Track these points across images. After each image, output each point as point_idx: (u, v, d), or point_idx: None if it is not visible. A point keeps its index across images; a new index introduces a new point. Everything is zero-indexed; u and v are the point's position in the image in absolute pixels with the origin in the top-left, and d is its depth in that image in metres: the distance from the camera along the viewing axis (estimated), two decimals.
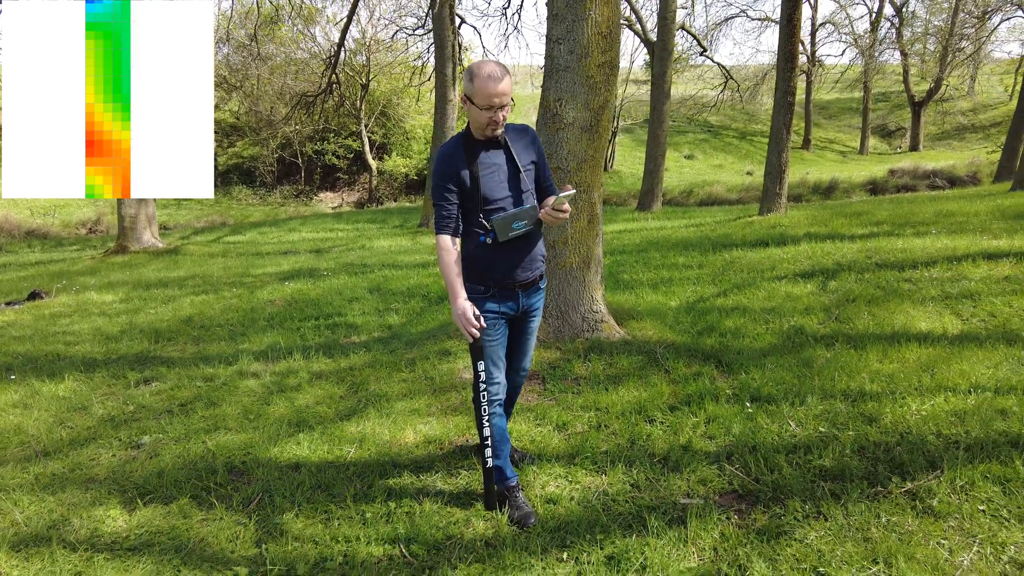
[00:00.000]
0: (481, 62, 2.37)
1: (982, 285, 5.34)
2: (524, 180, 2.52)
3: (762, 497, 2.65)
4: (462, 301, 2.41)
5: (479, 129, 2.43)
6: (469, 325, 2.39)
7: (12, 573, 2.48)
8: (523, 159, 2.53)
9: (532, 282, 2.61)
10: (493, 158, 2.48)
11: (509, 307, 2.59)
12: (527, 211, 2.43)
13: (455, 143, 2.48)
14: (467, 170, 2.43)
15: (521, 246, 2.51)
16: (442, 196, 2.45)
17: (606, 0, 3.93)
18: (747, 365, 3.94)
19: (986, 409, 3.22)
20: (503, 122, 2.41)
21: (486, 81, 2.30)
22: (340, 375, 4.35)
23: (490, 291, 2.54)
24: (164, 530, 2.72)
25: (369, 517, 2.68)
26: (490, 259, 2.50)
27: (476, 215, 2.46)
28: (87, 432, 3.74)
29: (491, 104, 2.33)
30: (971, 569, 2.17)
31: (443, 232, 2.46)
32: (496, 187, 2.47)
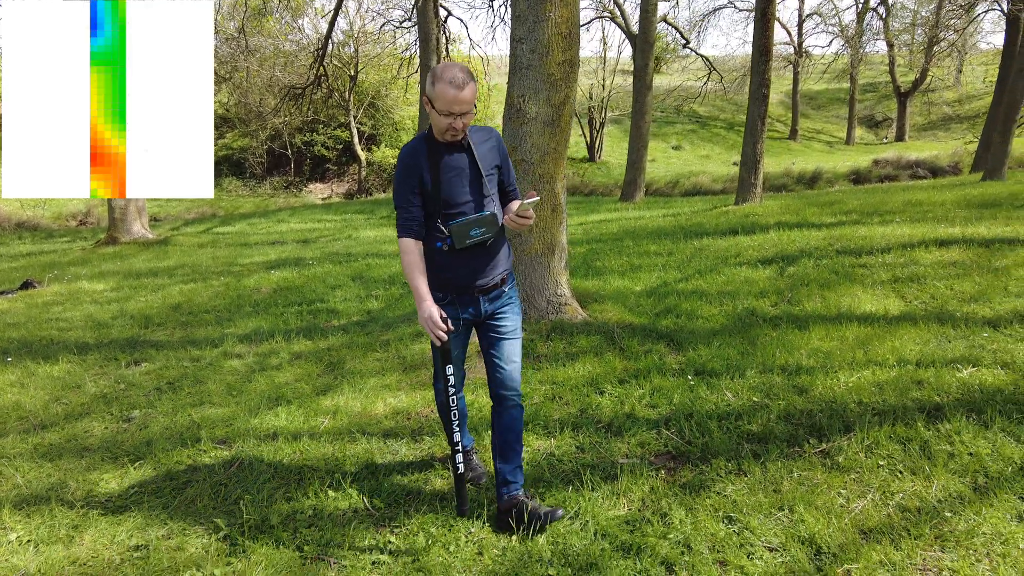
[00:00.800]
0: (445, 65, 2.29)
1: (930, 270, 5.66)
2: (486, 185, 2.46)
3: (691, 457, 2.96)
4: (428, 304, 2.34)
5: (438, 134, 2.37)
6: (436, 328, 2.31)
7: (16, 527, 2.75)
8: (486, 163, 2.46)
9: (493, 287, 2.52)
10: (456, 161, 2.41)
11: (469, 312, 2.53)
12: (486, 218, 2.37)
13: (416, 144, 2.42)
14: (428, 173, 2.37)
15: (480, 253, 2.45)
16: (404, 199, 2.40)
17: (565, 2, 4.20)
18: (696, 343, 4.25)
19: (905, 380, 3.54)
20: (462, 130, 2.34)
21: (446, 87, 2.22)
22: (319, 355, 4.63)
23: (447, 297, 2.49)
24: (152, 491, 3.01)
25: (338, 477, 2.97)
26: (448, 265, 2.44)
27: (435, 219, 2.41)
28: (81, 408, 4.02)
29: (450, 111, 2.25)
30: (861, 513, 2.49)
31: (405, 235, 2.41)
32: (458, 191, 2.41)
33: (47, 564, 2.51)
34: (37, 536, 2.69)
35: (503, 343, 2.56)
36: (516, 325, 2.60)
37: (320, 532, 2.60)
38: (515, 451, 2.59)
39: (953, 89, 36.48)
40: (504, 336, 2.56)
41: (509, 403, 2.57)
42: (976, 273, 5.50)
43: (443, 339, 2.34)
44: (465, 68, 2.28)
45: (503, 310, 2.57)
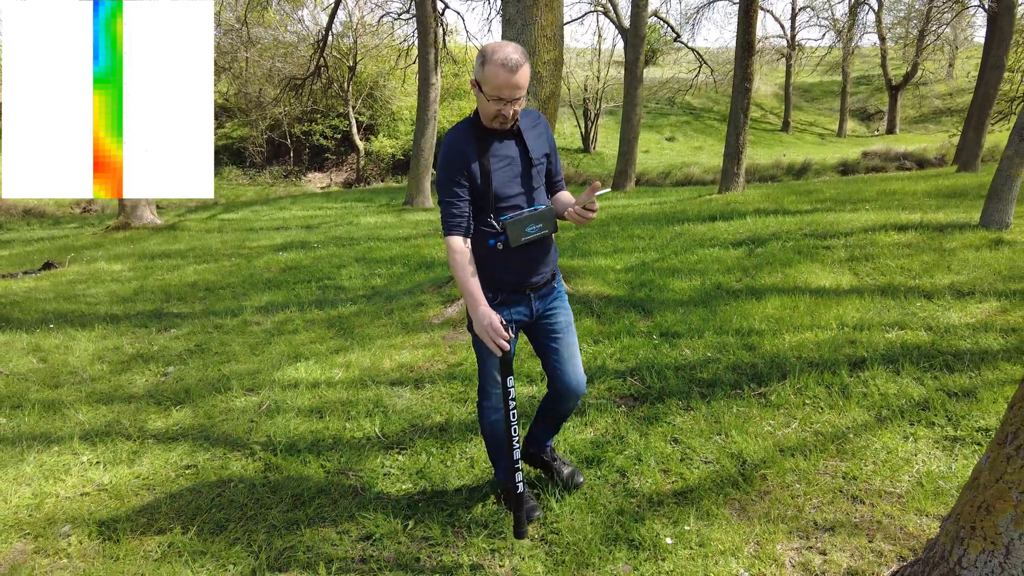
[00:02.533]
0: (497, 45, 2.04)
1: (885, 250, 6.22)
2: (536, 175, 2.26)
3: (649, 397, 3.53)
4: (485, 309, 2.08)
5: (485, 120, 2.15)
6: (497, 336, 2.05)
7: (85, 452, 3.31)
8: (536, 151, 2.25)
9: (545, 284, 2.36)
10: (506, 150, 2.20)
11: (521, 313, 2.35)
12: (543, 213, 2.18)
13: (464, 131, 2.19)
14: (477, 163, 2.15)
15: (533, 249, 2.25)
16: (451, 192, 2.16)
17: (550, 8, 4.73)
18: (664, 311, 4.81)
19: (840, 340, 4.11)
20: (513, 118, 2.11)
21: (497, 69, 1.98)
22: (330, 322, 5.18)
23: (498, 298, 2.29)
24: (195, 427, 3.56)
25: (353, 414, 3.53)
26: (500, 264, 2.23)
27: (486, 214, 2.19)
28: (122, 365, 4.56)
29: (500, 96, 2.03)
30: (783, 436, 3.05)
31: (453, 233, 2.17)
32: (509, 183, 2.20)
33: (115, 479, 3.06)
34: (104, 459, 3.25)
35: (560, 341, 2.43)
36: (569, 319, 2.47)
37: (340, 455, 3.15)
38: (557, 428, 2.68)
39: (944, 82, 36.97)
40: (560, 334, 2.43)
41: (571, 401, 2.49)
42: (925, 253, 6.06)
43: (506, 348, 2.07)
44: (520, 48, 2.04)
45: (554, 306, 2.43)
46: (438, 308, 5.24)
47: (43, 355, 4.79)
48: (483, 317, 2.07)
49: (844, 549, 2.22)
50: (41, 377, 4.38)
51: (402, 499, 2.76)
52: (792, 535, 2.34)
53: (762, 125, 35.18)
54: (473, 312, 2.11)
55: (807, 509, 2.49)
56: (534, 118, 2.32)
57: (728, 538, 2.33)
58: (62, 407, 3.84)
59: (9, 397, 4.04)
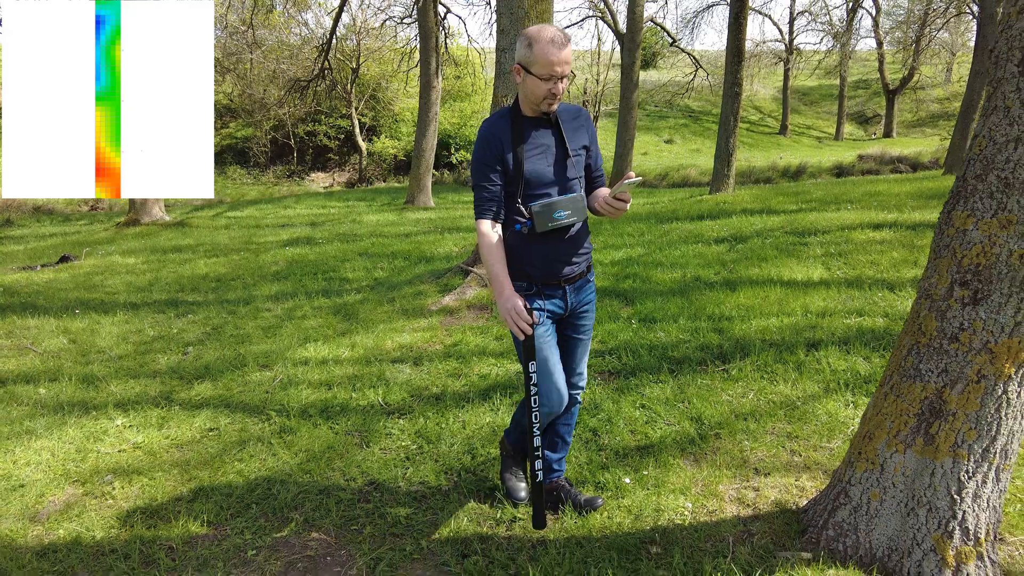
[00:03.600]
0: (541, 27, 2.10)
1: (858, 247, 6.61)
2: (572, 166, 2.27)
3: (624, 372, 3.93)
4: (510, 293, 2.11)
5: (534, 103, 2.16)
6: (520, 320, 2.08)
7: (119, 417, 3.71)
8: (574, 142, 2.27)
9: (578, 276, 2.36)
10: (542, 138, 2.23)
11: (556, 305, 2.33)
12: (571, 200, 2.18)
13: (500, 119, 2.24)
14: (511, 149, 2.19)
15: (564, 238, 2.26)
16: (484, 176, 2.20)
17: (541, 20, 5.12)
18: (645, 300, 5.21)
19: (803, 325, 4.50)
20: (560, 95, 2.15)
21: (547, 47, 2.03)
22: (336, 309, 5.59)
23: (533, 288, 2.28)
24: (215, 397, 3.96)
25: (359, 386, 3.93)
26: (528, 250, 2.25)
27: (515, 200, 2.22)
28: (145, 345, 4.97)
29: (552, 73, 2.06)
30: (739, 404, 3.45)
31: (484, 216, 2.21)
32: (543, 171, 2.21)
33: (148, 439, 3.46)
34: (136, 423, 3.65)
35: (580, 343, 2.49)
36: (592, 321, 2.52)
37: (347, 419, 3.55)
38: (566, 443, 2.62)
39: (941, 87, 37.34)
40: (583, 336, 2.49)
41: (571, 400, 2.54)
42: (896, 250, 6.45)
43: (527, 332, 2.10)
44: (560, 28, 2.12)
45: (586, 306, 2.45)
46: (436, 296, 5.64)
47: (72, 337, 5.20)
48: (507, 300, 2.10)
49: (774, 487, 2.62)
50: (72, 355, 4.78)
51: (402, 454, 3.16)
52: (734, 478, 2.74)
53: (760, 128, 35.60)
54: (498, 296, 2.14)
55: (751, 460, 2.88)
56: (575, 111, 2.33)
57: (680, 480, 2.72)
58: (95, 380, 4.25)
59: (46, 372, 4.44)
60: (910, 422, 1.93)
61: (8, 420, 3.68)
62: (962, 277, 1.83)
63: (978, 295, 1.80)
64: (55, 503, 2.89)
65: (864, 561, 2.00)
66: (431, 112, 14.20)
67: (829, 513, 2.13)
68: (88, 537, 2.60)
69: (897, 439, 1.96)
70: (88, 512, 2.79)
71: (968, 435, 1.84)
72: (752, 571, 2.08)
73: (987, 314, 1.79)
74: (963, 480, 1.86)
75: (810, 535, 2.17)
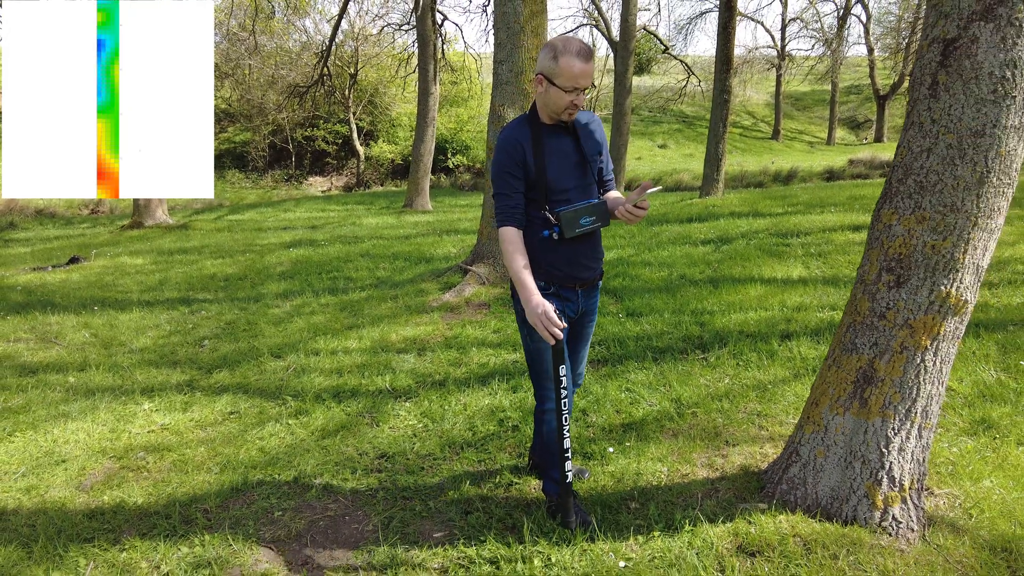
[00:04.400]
0: (566, 38, 2.17)
1: (837, 247, 6.96)
2: (589, 171, 2.35)
3: (610, 359, 4.27)
4: (538, 298, 2.14)
5: (554, 112, 2.23)
6: (551, 325, 2.10)
7: (145, 402, 4.02)
8: (590, 148, 2.35)
9: (593, 280, 2.44)
10: (561, 144, 2.30)
11: (570, 308, 2.41)
12: (596, 207, 2.26)
13: (519, 126, 2.29)
14: (533, 156, 2.24)
15: (585, 243, 2.34)
16: (506, 183, 2.25)
17: (536, 34, 5.49)
18: (633, 296, 5.55)
19: (779, 319, 4.85)
20: (581, 106, 2.23)
21: (573, 59, 2.10)
22: (342, 305, 5.91)
23: (551, 288, 2.34)
24: (233, 384, 4.28)
25: (367, 373, 4.26)
26: (552, 255, 2.31)
27: (539, 206, 2.27)
28: (163, 339, 5.28)
29: (576, 85, 2.13)
30: (715, 387, 3.79)
31: (507, 224, 2.25)
32: (563, 176, 2.28)
33: (174, 421, 3.78)
34: (162, 407, 3.97)
35: (582, 344, 2.59)
36: (594, 326, 2.63)
37: (358, 402, 3.88)
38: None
39: None
40: (585, 337, 2.59)
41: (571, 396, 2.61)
42: None
43: (559, 336, 2.13)
44: (583, 41, 2.18)
45: (592, 309, 2.54)
46: (437, 294, 5.97)
47: (93, 331, 5.51)
48: (537, 306, 2.12)
49: (741, 455, 2.96)
50: (96, 348, 5.10)
51: (409, 431, 3.48)
52: (706, 448, 3.07)
53: (753, 133, 36.09)
54: (526, 302, 2.15)
55: (723, 434, 3.22)
56: (588, 116, 2.39)
57: (658, 451, 3.06)
58: (120, 369, 4.56)
59: (72, 363, 4.76)
60: (848, 388, 2.27)
61: (44, 404, 4.00)
62: (888, 264, 2.17)
63: (900, 279, 2.14)
64: (96, 475, 3.21)
65: (811, 509, 2.34)
66: (429, 117, 14.55)
67: (783, 470, 2.47)
68: (131, 502, 2.92)
69: (838, 404, 2.30)
70: (128, 482, 3.11)
71: (894, 398, 2.18)
72: (716, 519, 2.42)
73: (907, 295, 2.13)
74: (890, 436, 2.19)
75: (767, 490, 2.51)
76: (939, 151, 2.04)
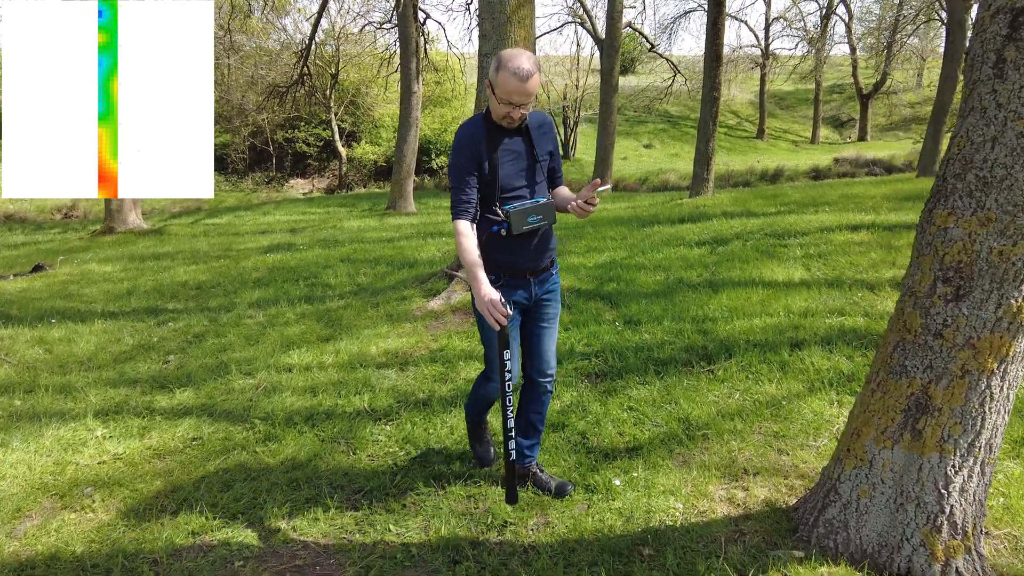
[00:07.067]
0: (514, 53, 2.24)
1: (837, 248, 6.70)
2: (540, 170, 2.48)
3: (610, 374, 3.93)
4: (486, 287, 2.26)
5: (495, 118, 2.36)
6: (496, 312, 2.21)
7: (98, 428, 3.63)
8: (541, 149, 2.47)
9: (543, 269, 2.56)
10: (514, 145, 2.41)
11: (521, 296, 2.53)
12: (544, 206, 2.38)
13: (476, 126, 2.39)
14: (487, 155, 2.36)
15: (534, 237, 2.47)
16: (462, 180, 2.36)
17: (522, 25, 5.14)
18: (629, 302, 5.23)
19: (786, 325, 4.55)
20: (519, 120, 2.33)
21: (510, 77, 2.18)
22: (319, 315, 5.53)
23: (500, 279, 2.46)
24: (198, 406, 3.89)
25: (344, 392, 3.89)
26: (503, 249, 2.44)
27: (491, 203, 2.40)
28: (124, 354, 4.87)
29: (511, 101, 2.23)
30: (725, 404, 3.47)
31: (461, 217, 2.37)
32: (514, 175, 2.41)
33: (129, 449, 3.39)
34: (116, 433, 3.58)
35: (544, 330, 2.66)
36: (557, 311, 2.70)
37: (333, 426, 3.51)
38: (537, 430, 2.78)
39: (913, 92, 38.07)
40: (546, 323, 2.66)
41: (541, 388, 2.72)
42: (874, 251, 6.55)
43: (503, 323, 2.24)
44: (532, 58, 2.24)
45: (549, 295, 2.63)
46: (421, 301, 5.62)
47: (48, 347, 5.09)
48: (484, 295, 2.24)
49: (764, 486, 2.64)
50: (49, 366, 4.68)
51: (389, 460, 3.13)
52: (724, 478, 2.75)
53: (737, 132, 36.03)
54: (476, 291, 2.28)
55: (739, 460, 2.90)
56: (540, 119, 2.50)
57: (670, 482, 2.73)
58: (72, 390, 4.16)
59: (21, 383, 4.34)
60: (897, 418, 1.95)
61: None
62: (944, 274, 1.86)
63: (960, 291, 1.83)
64: (33, 517, 2.82)
65: (855, 557, 2.02)
66: (412, 117, 14.17)
67: (819, 511, 2.15)
68: (68, 552, 2.54)
69: (885, 435, 1.98)
70: (67, 526, 2.73)
71: (954, 430, 1.87)
72: (745, 570, 2.09)
73: (969, 310, 1.82)
74: (950, 475, 1.88)
75: (801, 533, 2.19)
76: (1007, 140, 1.73)
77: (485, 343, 2.65)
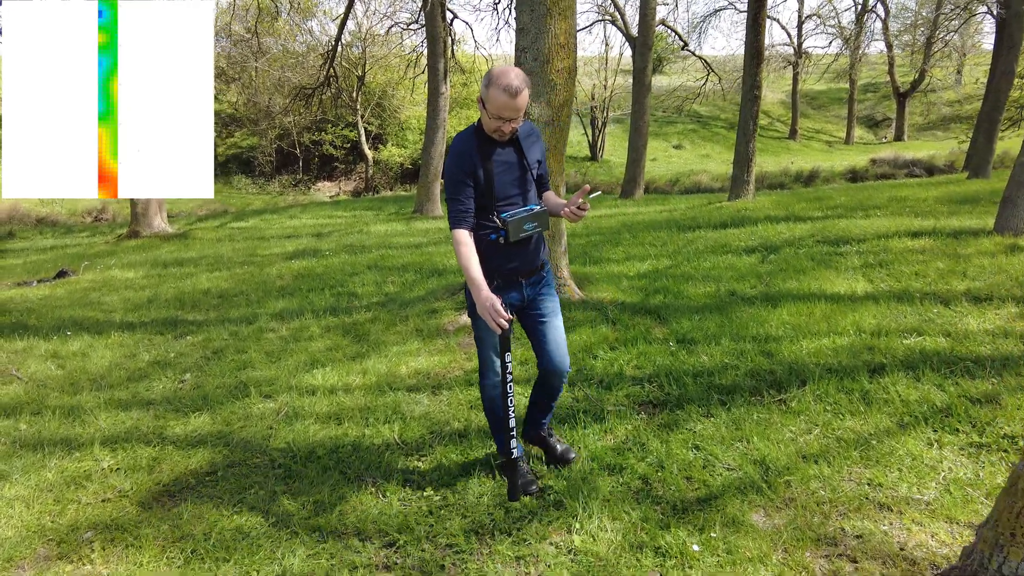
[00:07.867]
0: (503, 70, 2.35)
1: (898, 256, 6.19)
2: (530, 178, 2.59)
3: (668, 404, 3.51)
4: (487, 293, 2.34)
5: (487, 131, 2.48)
6: (498, 316, 2.30)
7: (106, 458, 3.32)
8: (531, 157, 2.58)
9: (534, 271, 2.67)
10: (506, 155, 2.51)
11: (514, 298, 2.64)
12: (538, 214, 2.51)
13: (469, 138, 2.49)
14: (482, 166, 2.46)
15: (527, 243, 2.58)
16: (458, 190, 2.45)
17: (563, 16, 4.75)
18: (680, 318, 4.80)
19: (859, 346, 4.08)
20: (510, 133, 2.45)
21: (499, 93, 2.30)
22: (345, 329, 5.19)
23: (495, 283, 2.55)
24: (213, 433, 3.56)
25: (372, 420, 3.53)
26: (499, 255, 2.54)
27: (487, 212, 2.50)
28: (139, 372, 4.58)
29: (500, 116, 2.35)
30: (805, 443, 3.03)
31: (460, 227, 2.45)
32: (508, 185, 2.51)
33: (137, 485, 3.07)
34: (124, 465, 3.26)
35: (546, 325, 2.72)
36: (555, 306, 2.76)
37: (359, 460, 3.15)
38: (550, 408, 2.94)
39: (952, 89, 36.83)
40: (546, 319, 2.72)
41: (557, 378, 2.78)
42: (940, 259, 6.02)
43: (505, 327, 2.33)
44: (521, 75, 2.33)
45: (542, 294, 2.72)
46: (452, 315, 5.24)
47: (61, 362, 4.82)
48: (486, 300, 2.33)
49: (875, 557, 2.20)
50: (59, 383, 4.41)
51: (424, 506, 2.75)
52: (820, 542, 2.32)
53: (769, 133, 35.16)
54: (476, 296, 2.36)
55: (834, 516, 2.47)
56: (528, 129, 2.63)
57: (755, 545, 2.31)
58: (81, 413, 3.87)
59: (29, 403, 4.07)
60: None
61: None
62: None
63: None
64: (24, 569, 2.50)
65: None
66: (439, 118, 13.85)
67: None
68: None
69: None
70: None
71: None
72: None
73: None
74: None
75: None
76: None
77: (478, 342, 2.76)
